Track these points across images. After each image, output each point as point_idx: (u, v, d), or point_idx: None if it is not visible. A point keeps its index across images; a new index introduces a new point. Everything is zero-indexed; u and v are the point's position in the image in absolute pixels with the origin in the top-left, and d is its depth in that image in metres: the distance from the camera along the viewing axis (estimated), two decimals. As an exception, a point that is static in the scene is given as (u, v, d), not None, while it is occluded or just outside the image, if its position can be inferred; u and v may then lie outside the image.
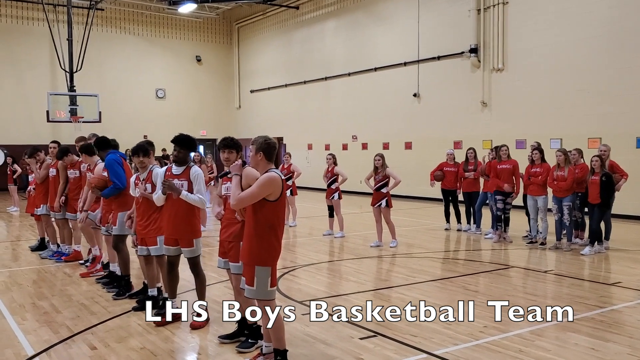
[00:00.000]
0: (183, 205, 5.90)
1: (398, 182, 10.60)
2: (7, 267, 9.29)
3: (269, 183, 4.55)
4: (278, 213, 4.67)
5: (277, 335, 4.73)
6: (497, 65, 17.45)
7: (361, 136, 22.67)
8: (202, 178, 5.95)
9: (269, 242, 4.62)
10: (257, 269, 4.60)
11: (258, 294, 4.63)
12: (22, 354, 5.29)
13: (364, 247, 10.93)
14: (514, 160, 11.44)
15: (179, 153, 5.95)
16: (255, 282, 4.61)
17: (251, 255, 4.62)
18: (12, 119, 25.23)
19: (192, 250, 6.00)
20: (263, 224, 4.60)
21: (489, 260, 9.75)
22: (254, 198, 4.55)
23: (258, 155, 4.70)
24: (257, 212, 4.60)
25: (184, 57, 29.53)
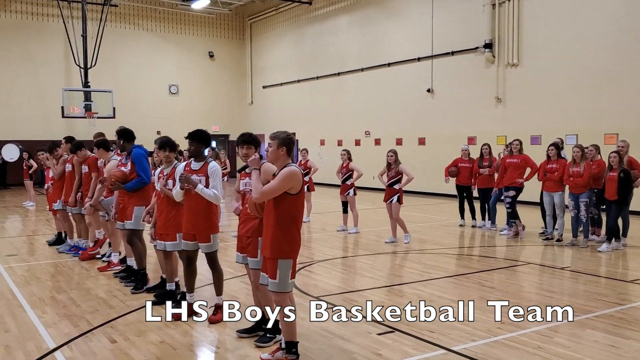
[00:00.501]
0: (201, 200, 5.93)
1: (411, 179, 10.58)
2: (25, 262, 9.38)
3: (291, 176, 4.59)
4: (298, 206, 4.73)
5: (289, 328, 4.81)
6: (512, 60, 17.33)
7: (374, 132, 22.64)
8: (219, 174, 5.97)
9: (291, 235, 4.68)
10: (279, 262, 4.65)
11: (280, 286, 4.69)
12: (43, 346, 5.35)
13: (378, 243, 10.93)
14: (525, 155, 11.38)
15: (191, 147, 5.99)
16: (278, 274, 4.66)
17: (274, 249, 4.66)
18: (28, 115, 25.43)
19: (209, 246, 6.03)
20: (285, 217, 4.65)
21: (504, 256, 9.72)
22: (276, 191, 4.59)
23: (280, 150, 4.72)
24: (278, 205, 4.65)
25: (196, 53, 29.61)
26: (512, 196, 11.17)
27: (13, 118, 25.23)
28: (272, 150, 4.77)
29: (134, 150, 7.40)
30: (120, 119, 24.11)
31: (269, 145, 4.79)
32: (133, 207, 7.27)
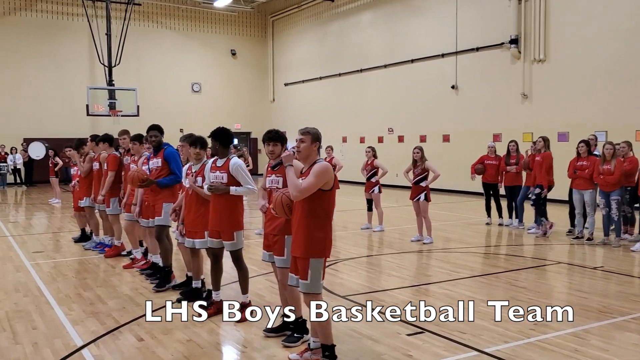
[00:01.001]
0: (224, 198, 5.87)
1: (437, 176, 10.42)
2: (51, 258, 9.42)
3: (325, 172, 4.49)
4: (331, 202, 4.65)
5: (324, 330, 4.66)
6: (539, 56, 17.04)
7: (397, 129, 22.46)
8: (243, 168, 5.90)
9: (325, 233, 4.57)
10: (311, 262, 4.54)
11: (312, 287, 4.57)
12: (70, 344, 5.33)
13: (404, 241, 10.79)
14: (547, 152, 11.12)
15: (215, 146, 6.00)
16: (310, 275, 4.54)
17: (306, 248, 4.54)
18: (53, 113, 25.72)
19: (233, 244, 5.95)
20: (319, 214, 4.54)
21: (533, 255, 9.52)
22: (314, 188, 4.48)
23: (314, 145, 4.64)
24: (311, 202, 4.53)
25: (219, 51, 29.67)
26: (537, 194, 10.94)
27: (39, 116, 25.53)
28: (305, 145, 4.65)
29: (166, 148, 7.34)
30: (144, 117, 24.29)
31: (301, 141, 4.67)
32: (162, 204, 7.23)
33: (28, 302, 6.74)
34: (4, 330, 5.73)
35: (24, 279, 7.92)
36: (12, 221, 14.24)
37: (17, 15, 25.30)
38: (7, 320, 6.06)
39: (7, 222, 13.99)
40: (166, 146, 7.38)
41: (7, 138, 24.41)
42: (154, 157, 7.40)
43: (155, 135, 7.32)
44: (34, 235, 11.86)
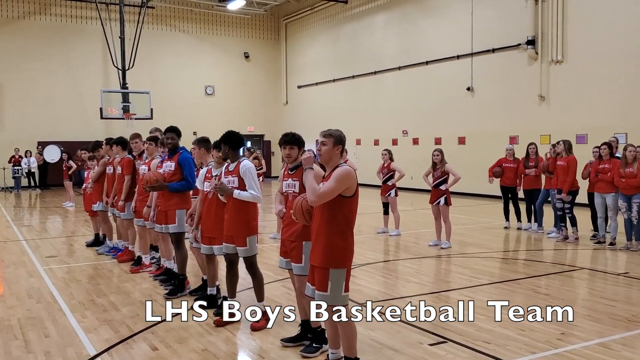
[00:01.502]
0: (236, 202, 5.74)
1: (458, 179, 10.20)
2: (65, 263, 9.33)
3: (347, 177, 4.29)
4: (353, 209, 4.41)
5: (348, 343, 4.46)
6: (556, 57, 16.76)
7: (412, 131, 22.24)
8: (252, 172, 5.75)
9: (346, 242, 4.35)
10: (331, 272, 4.31)
11: (332, 299, 4.35)
12: (83, 353, 5.20)
13: (421, 245, 10.59)
14: (571, 156, 10.81)
15: (225, 150, 5.92)
16: (330, 286, 4.31)
17: (325, 257, 4.33)
18: (67, 116, 25.78)
19: (246, 250, 5.78)
20: (340, 221, 4.32)
21: (555, 261, 9.29)
22: (334, 193, 4.27)
23: (336, 148, 4.44)
24: (333, 209, 4.32)
25: (232, 54, 29.62)
26: (570, 201, 10.65)
27: (53, 119, 25.61)
28: (326, 149, 4.45)
29: (182, 152, 7.19)
30: (157, 120, 24.23)
31: (322, 144, 4.48)
32: (175, 210, 7.09)
33: (41, 309, 6.63)
34: (16, 338, 5.61)
35: (37, 285, 7.82)
36: (26, 225, 14.20)
37: (31, 19, 25.40)
38: (20, 327, 5.94)
39: (21, 225, 13.96)
40: (182, 150, 7.23)
41: (21, 142, 24.49)
42: (167, 159, 7.25)
43: (172, 138, 7.16)
44: (47, 240, 11.80)
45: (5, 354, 5.20)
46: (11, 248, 10.78)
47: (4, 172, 23.82)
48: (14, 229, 13.26)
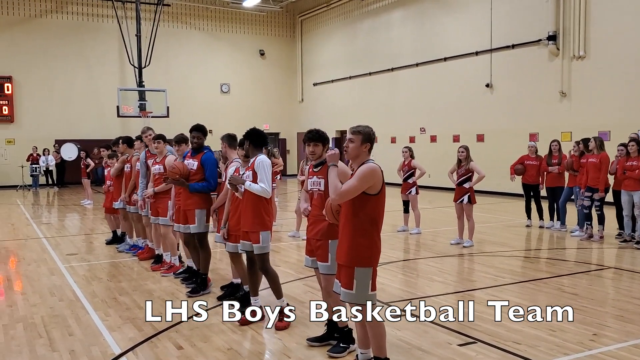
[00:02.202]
0: (249, 197, 5.73)
1: (482, 177, 10.01)
2: (85, 261, 9.32)
3: (371, 174, 4.20)
4: (379, 207, 4.31)
5: (378, 343, 4.37)
6: (578, 52, 16.50)
7: (429, 129, 22.05)
8: (265, 166, 5.70)
9: (371, 240, 4.27)
10: (357, 271, 4.24)
11: (358, 298, 4.27)
12: (108, 352, 5.14)
13: (442, 244, 10.46)
14: (604, 153, 10.61)
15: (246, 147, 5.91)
16: (355, 285, 4.25)
17: (350, 256, 4.26)
18: (84, 114, 25.89)
19: (259, 247, 5.72)
20: (364, 220, 4.24)
21: (580, 259, 9.12)
22: (356, 191, 4.19)
23: (364, 146, 4.34)
24: (357, 207, 4.25)
25: (247, 52, 29.58)
26: (600, 199, 10.46)
27: (70, 118, 25.74)
28: (354, 146, 4.36)
29: (206, 152, 7.12)
30: (173, 118, 24.33)
31: (350, 141, 4.40)
32: (194, 210, 7.01)
33: (64, 307, 6.60)
34: (40, 336, 5.58)
35: (58, 283, 7.81)
36: (45, 222, 14.25)
37: (48, 18, 25.53)
38: (44, 325, 5.91)
39: (40, 223, 14.01)
40: (206, 150, 7.15)
41: (39, 140, 24.64)
42: (191, 157, 7.18)
43: (198, 137, 7.08)
44: (67, 237, 11.81)
45: (30, 352, 5.17)
46: (32, 246, 10.80)
47: (22, 170, 23.96)
48: (34, 227, 13.31)
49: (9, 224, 13.80)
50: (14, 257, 9.72)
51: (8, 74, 24.69)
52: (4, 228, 13.20)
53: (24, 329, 5.80)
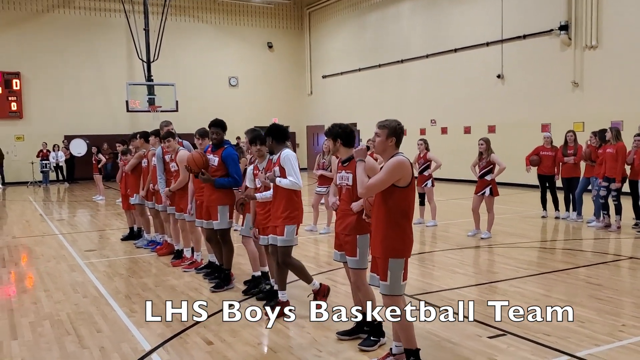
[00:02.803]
0: (277, 192, 5.78)
1: (502, 169, 9.95)
2: (105, 257, 9.34)
3: (399, 167, 4.20)
4: (409, 199, 4.34)
5: (406, 334, 4.39)
6: (591, 42, 16.38)
7: (440, 120, 21.96)
8: (291, 160, 5.73)
9: (403, 232, 4.30)
10: (390, 262, 4.28)
11: (392, 289, 4.32)
12: (139, 348, 5.15)
13: (459, 236, 10.43)
14: (621, 143, 10.55)
15: (269, 142, 5.96)
16: (389, 276, 4.29)
17: (384, 247, 4.29)
18: (93, 110, 25.90)
19: (284, 240, 5.76)
20: (395, 212, 4.27)
21: (600, 250, 9.08)
22: (383, 185, 4.21)
23: (389, 140, 4.34)
24: (387, 200, 4.27)
25: (255, 45, 29.51)
26: (617, 189, 10.40)
27: (79, 113, 25.75)
28: (380, 140, 4.38)
29: (226, 148, 7.09)
30: (182, 112, 24.33)
31: (376, 135, 4.41)
32: (217, 206, 6.99)
33: (88, 304, 6.62)
34: (68, 333, 5.59)
35: (80, 279, 7.82)
36: (58, 219, 14.29)
37: (56, 13, 25.50)
38: (70, 322, 5.93)
39: (54, 220, 14.04)
40: (227, 145, 7.13)
41: (48, 136, 24.69)
42: (211, 152, 7.16)
43: (217, 133, 7.05)
44: (83, 233, 11.84)
45: (60, 349, 5.18)
46: (49, 242, 10.83)
47: (33, 166, 24.03)
48: (49, 223, 13.34)
49: (23, 221, 13.85)
50: (32, 254, 9.75)
51: (16, 70, 24.71)
52: (19, 224, 13.24)
53: (51, 326, 5.81)
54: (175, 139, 8.28)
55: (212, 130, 7.06)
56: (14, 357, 5.00)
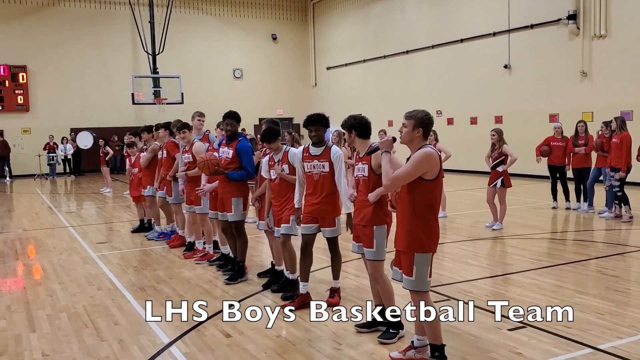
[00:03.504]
0: (329, 186, 5.67)
1: (514, 160, 9.91)
2: (116, 249, 9.33)
3: (425, 159, 4.13)
4: (436, 193, 4.27)
5: (433, 330, 4.33)
6: (599, 31, 16.26)
7: (446, 111, 21.86)
8: (342, 159, 5.67)
9: (430, 226, 4.22)
10: (416, 257, 4.20)
11: (417, 285, 4.24)
12: (157, 341, 5.14)
13: (470, 227, 10.40)
14: (625, 133, 10.51)
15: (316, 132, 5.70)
16: (415, 271, 4.21)
17: (410, 241, 4.22)
18: (99, 102, 25.88)
19: (333, 230, 5.76)
20: (421, 205, 4.19)
21: (614, 241, 9.04)
22: (408, 177, 4.14)
23: (416, 131, 4.25)
24: (413, 192, 4.20)
25: (259, 36, 29.40)
26: (619, 179, 10.38)
27: (85, 106, 25.74)
28: (406, 131, 4.28)
29: (241, 140, 7.05)
30: (187, 104, 24.25)
31: (402, 126, 4.34)
32: (231, 199, 6.96)
33: (103, 296, 6.61)
34: (86, 326, 5.58)
35: (94, 271, 7.82)
36: (67, 211, 14.28)
37: (61, 6, 25.43)
38: (87, 315, 5.92)
39: (63, 212, 14.04)
40: (241, 137, 7.08)
41: (54, 129, 24.68)
42: (225, 145, 7.12)
43: (231, 125, 7.01)
44: (93, 226, 11.84)
45: (79, 342, 5.17)
46: (60, 234, 10.82)
47: (40, 159, 24.02)
48: (58, 216, 13.34)
49: (32, 213, 13.85)
50: (44, 247, 9.74)
51: (22, 64, 24.67)
52: (29, 217, 13.25)
53: (69, 319, 5.81)
54: (191, 130, 8.26)
55: (227, 122, 7.02)
56: (33, 349, 5.00)
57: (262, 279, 7.00)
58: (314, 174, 5.69)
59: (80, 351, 4.94)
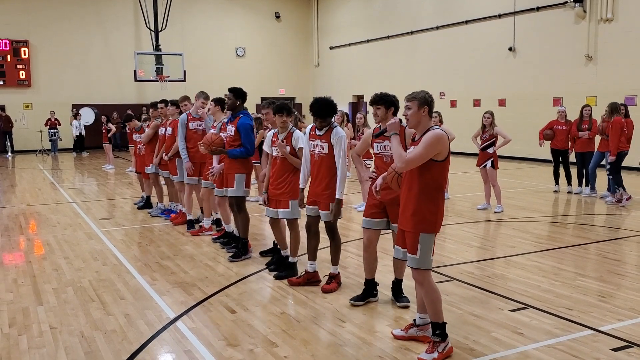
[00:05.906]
0: (329, 168, 5.65)
1: (508, 141, 9.91)
2: (120, 225, 9.37)
3: (437, 141, 4.14)
4: (445, 174, 4.30)
5: (434, 308, 4.37)
6: (606, 15, 16.17)
7: (449, 93, 21.81)
8: (344, 140, 5.61)
9: (436, 206, 4.25)
10: (421, 237, 4.24)
11: (421, 262, 4.28)
12: (163, 316, 5.20)
13: (471, 209, 10.43)
14: (616, 118, 10.55)
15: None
16: (419, 250, 4.25)
17: (416, 221, 4.24)
18: (101, 79, 25.79)
19: (329, 214, 5.72)
20: (430, 186, 4.21)
21: (616, 226, 9.09)
22: (421, 159, 4.14)
23: (422, 111, 4.27)
24: (423, 174, 4.20)
25: (263, 15, 29.20)
26: (610, 162, 10.48)
27: (87, 83, 25.65)
28: (412, 112, 4.28)
29: (241, 117, 7.06)
30: (189, 82, 24.19)
31: (407, 109, 4.32)
32: (234, 175, 6.99)
33: (109, 271, 6.66)
34: (92, 300, 5.64)
35: (98, 247, 7.87)
36: (71, 187, 14.31)
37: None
38: (93, 289, 5.98)
39: (66, 188, 14.07)
40: (242, 115, 7.09)
41: (56, 105, 24.61)
42: (230, 123, 7.14)
43: (229, 98, 7.10)
44: (96, 202, 11.87)
45: (85, 315, 5.23)
46: (63, 210, 10.86)
47: (41, 134, 24.00)
48: (62, 191, 13.38)
49: (35, 189, 13.88)
50: (48, 222, 9.78)
51: (24, 38, 24.54)
52: (32, 192, 13.28)
53: (75, 293, 5.86)
54: (190, 103, 8.36)
55: (228, 95, 7.10)
56: (41, 322, 5.05)
57: (266, 258, 7.06)
58: (315, 154, 5.69)
59: (88, 324, 5.00)
